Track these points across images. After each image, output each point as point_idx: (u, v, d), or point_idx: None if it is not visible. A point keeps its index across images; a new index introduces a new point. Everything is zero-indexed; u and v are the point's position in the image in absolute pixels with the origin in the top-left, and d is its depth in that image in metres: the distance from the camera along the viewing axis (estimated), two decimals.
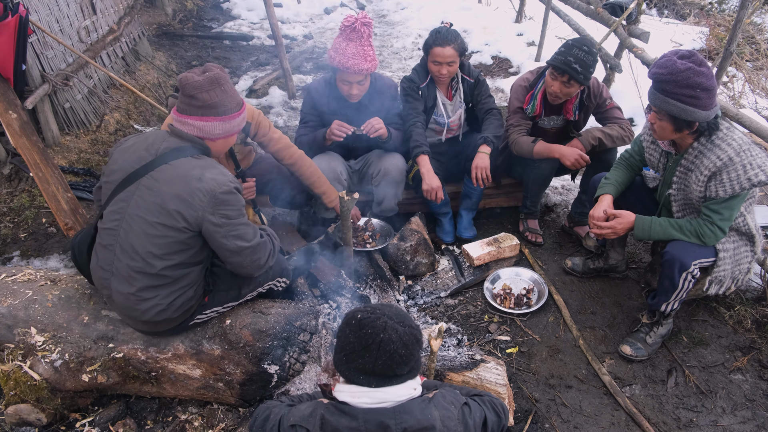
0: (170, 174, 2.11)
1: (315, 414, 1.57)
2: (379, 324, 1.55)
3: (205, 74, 2.17)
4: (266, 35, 7.68)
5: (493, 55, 6.79)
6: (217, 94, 2.17)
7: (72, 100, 4.54)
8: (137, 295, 2.18)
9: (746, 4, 3.41)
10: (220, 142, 2.30)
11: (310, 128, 3.38)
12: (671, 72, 2.30)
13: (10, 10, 3.24)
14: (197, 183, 2.08)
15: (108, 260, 2.20)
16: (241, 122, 2.32)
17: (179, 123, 2.21)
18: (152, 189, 2.11)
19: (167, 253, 2.14)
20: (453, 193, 3.73)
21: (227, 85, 2.22)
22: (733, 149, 2.39)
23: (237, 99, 2.27)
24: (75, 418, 2.52)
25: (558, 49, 3.12)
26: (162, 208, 2.09)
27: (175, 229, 2.10)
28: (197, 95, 2.14)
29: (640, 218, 2.65)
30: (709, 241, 2.54)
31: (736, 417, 2.56)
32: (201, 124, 2.19)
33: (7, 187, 4.13)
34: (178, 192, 2.08)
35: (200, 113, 2.17)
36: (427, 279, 3.39)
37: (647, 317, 2.90)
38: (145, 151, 2.18)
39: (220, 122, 2.22)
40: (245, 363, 2.44)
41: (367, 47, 3.04)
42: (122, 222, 2.16)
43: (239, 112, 2.28)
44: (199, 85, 2.14)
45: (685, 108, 2.32)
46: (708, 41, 6.62)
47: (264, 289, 2.63)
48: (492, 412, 1.75)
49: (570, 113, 3.34)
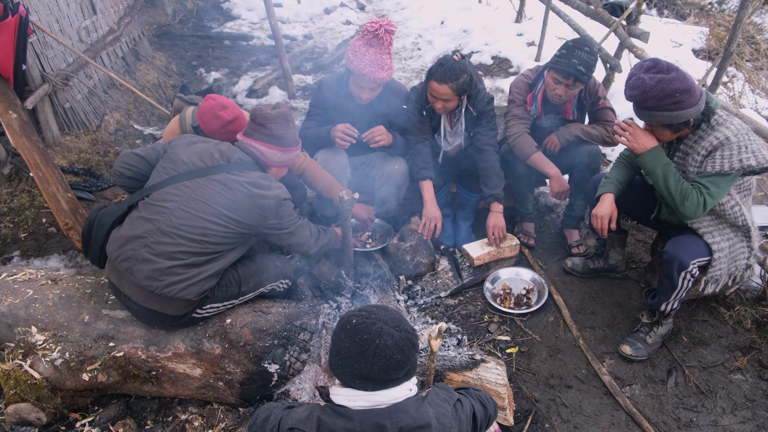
0: (246, 179, 2.41)
1: (312, 416, 1.58)
2: (374, 330, 1.55)
3: (276, 110, 2.55)
4: (266, 35, 7.68)
5: (493, 55, 6.79)
6: (283, 127, 2.54)
7: (72, 100, 4.54)
8: (169, 270, 2.27)
9: (746, 4, 3.42)
10: (275, 170, 2.63)
11: (316, 123, 3.36)
12: (645, 90, 2.32)
13: (10, 10, 3.25)
14: (267, 189, 2.42)
15: (148, 231, 2.30)
16: (296, 157, 2.68)
17: (247, 145, 2.55)
18: (227, 185, 2.37)
19: (220, 241, 2.35)
20: (455, 194, 3.73)
21: (292, 123, 2.59)
22: (731, 131, 2.40)
23: (295, 136, 2.63)
24: (75, 418, 2.52)
25: (559, 52, 3.08)
26: (234, 203, 2.35)
27: (239, 223, 2.36)
28: (267, 125, 2.51)
29: (659, 148, 2.55)
30: (689, 207, 2.47)
31: (736, 417, 2.56)
32: (264, 149, 2.54)
33: (7, 187, 4.13)
34: (252, 191, 2.38)
35: (266, 140, 2.53)
36: (427, 279, 3.40)
37: (647, 317, 2.90)
38: (218, 154, 2.47)
39: (280, 152, 2.56)
40: (246, 362, 2.44)
41: (386, 55, 3.00)
42: (181, 204, 2.33)
43: (296, 147, 2.64)
44: (272, 118, 2.52)
45: (674, 114, 2.34)
46: (708, 41, 6.62)
47: (267, 290, 2.64)
48: (478, 403, 1.77)
49: (569, 113, 3.34)
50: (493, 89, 6.07)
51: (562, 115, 3.40)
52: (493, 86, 6.15)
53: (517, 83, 3.40)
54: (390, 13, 9.05)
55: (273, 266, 2.66)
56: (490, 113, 3.31)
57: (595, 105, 3.32)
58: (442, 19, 8.10)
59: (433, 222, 3.25)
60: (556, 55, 3.09)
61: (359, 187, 3.40)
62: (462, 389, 1.85)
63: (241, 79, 6.40)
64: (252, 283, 2.55)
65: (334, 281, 3.09)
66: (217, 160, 2.45)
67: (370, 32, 2.96)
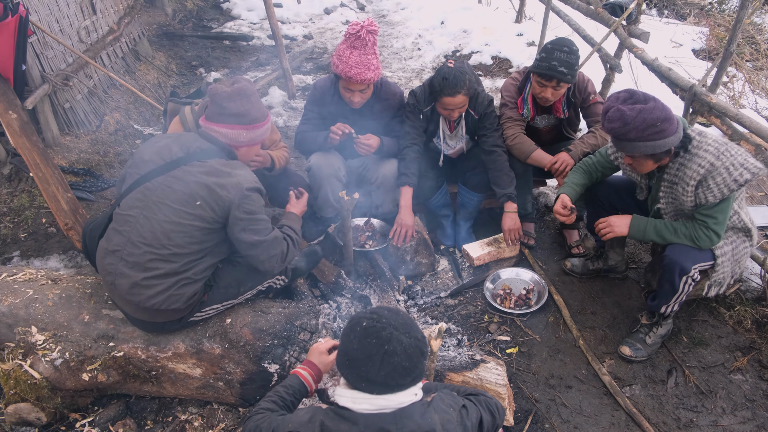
0: (202, 168, 2.25)
1: (314, 420, 1.56)
2: (384, 335, 1.53)
3: (233, 86, 2.34)
4: (266, 35, 7.68)
5: (493, 55, 6.79)
6: (244, 104, 2.34)
7: (72, 100, 4.54)
8: (145, 281, 2.21)
9: (746, 4, 3.41)
10: (244, 150, 2.45)
11: (312, 125, 3.37)
12: (625, 122, 2.32)
13: (10, 10, 3.25)
14: (228, 178, 2.23)
15: (120, 244, 2.25)
16: (266, 132, 2.48)
17: (208, 130, 2.37)
18: (183, 180, 2.22)
19: (186, 243, 2.22)
20: (455, 194, 3.72)
21: (254, 97, 2.39)
22: (711, 154, 2.40)
23: (262, 110, 2.43)
24: (75, 418, 2.52)
25: (539, 55, 3.08)
26: (191, 197, 2.20)
27: (201, 218, 2.21)
28: (225, 104, 2.31)
29: (637, 218, 2.66)
30: (704, 245, 2.54)
31: (736, 417, 2.56)
32: (227, 131, 2.35)
33: (7, 187, 4.13)
34: (208, 183, 2.20)
35: (227, 121, 2.34)
36: (427, 279, 3.40)
37: (647, 318, 2.90)
38: (178, 148, 2.31)
39: (245, 131, 2.38)
40: (245, 362, 2.44)
41: (371, 56, 2.99)
42: (144, 210, 2.23)
43: (264, 122, 2.44)
44: (228, 95, 2.31)
45: (656, 143, 2.34)
46: (708, 41, 6.62)
47: (263, 287, 2.63)
48: (487, 412, 1.75)
49: (560, 111, 3.34)
50: (493, 89, 6.07)
51: (553, 113, 3.40)
52: (493, 86, 6.15)
53: (506, 86, 3.41)
54: (390, 13, 9.05)
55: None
56: (492, 114, 3.32)
57: (586, 101, 3.32)
58: (442, 19, 8.10)
59: (404, 229, 3.25)
60: (537, 59, 3.10)
61: (358, 188, 3.41)
62: (472, 395, 1.83)
63: None
64: (250, 282, 2.54)
65: (334, 281, 3.09)
66: (176, 153, 2.29)
67: (352, 35, 2.96)
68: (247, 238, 2.28)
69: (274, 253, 2.36)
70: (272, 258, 2.37)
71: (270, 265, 2.38)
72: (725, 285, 2.69)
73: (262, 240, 2.30)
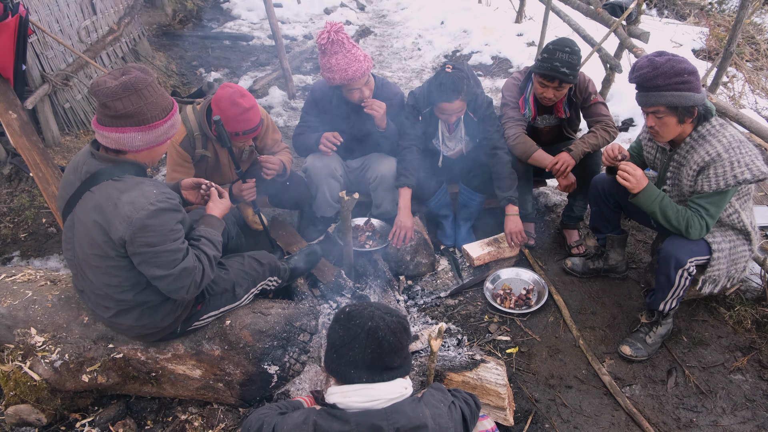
0: (91, 203, 1.97)
1: (308, 421, 1.58)
2: (366, 313, 1.61)
3: (120, 78, 1.92)
4: (266, 35, 7.68)
5: (493, 55, 6.79)
6: (133, 101, 1.91)
7: (72, 100, 4.54)
8: (112, 318, 2.23)
9: (746, 4, 3.42)
10: (144, 154, 2.06)
11: (309, 128, 3.38)
12: (655, 67, 2.34)
13: (10, 10, 3.25)
14: (114, 210, 1.91)
15: (80, 284, 2.26)
16: (169, 129, 2.06)
17: (98, 136, 1.99)
18: (81, 221, 2.01)
19: (118, 282, 2.09)
20: (455, 194, 3.72)
21: (147, 90, 1.95)
22: (722, 145, 2.40)
23: (161, 104, 2.00)
24: (75, 419, 2.52)
25: (541, 56, 3.08)
26: (92, 240, 1.99)
27: (110, 257, 2.00)
28: (109, 104, 1.90)
29: (652, 185, 2.60)
30: (694, 233, 2.53)
31: (736, 417, 2.56)
32: (117, 136, 1.95)
33: (7, 187, 4.13)
34: (98, 221, 1.95)
35: (116, 124, 1.93)
36: (427, 279, 3.39)
37: (646, 317, 2.90)
38: (72, 175, 2.04)
39: (139, 133, 1.96)
40: (245, 363, 2.44)
41: (353, 50, 3.00)
42: (75, 251, 2.14)
43: (164, 119, 2.02)
44: (112, 93, 1.88)
45: (682, 94, 2.34)
46: (708, 41, 6.62)
47: (257, 290, 2.63)
48: (465, 404, 1.80)
49: (561, 111, 3.34)
50: (493, 89, 6.07)
51: (554, 114, 3.40)
52: (493, 86, 6.15)
53: (508, 86, 3.41)
54: (390, 13, 9.06)
55: (258, 265, 2.59)
56: (492, 116, 3.31)
57: (587, 101, 3.32)
58: (442, 19, 8.11)
59: (403, 231, 3.25)
60: (539, 59, 3.10)
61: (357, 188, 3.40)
62: (450, 390, 1.86)
63: (241, 80, 6.40)
64: (245, 285, 2.52)
65: (334, 281, 3.09)
66: (74, 183, 2.02)
67: (326, 44, 2.98)
68: (149, 272, 2.01)
69: (182, 285, 2.05)
70: (180, 290, 2.06)
71: (179, 296, 2.09)
72: (720, 285, 2.69)
73: (166, 274, 2.00)
